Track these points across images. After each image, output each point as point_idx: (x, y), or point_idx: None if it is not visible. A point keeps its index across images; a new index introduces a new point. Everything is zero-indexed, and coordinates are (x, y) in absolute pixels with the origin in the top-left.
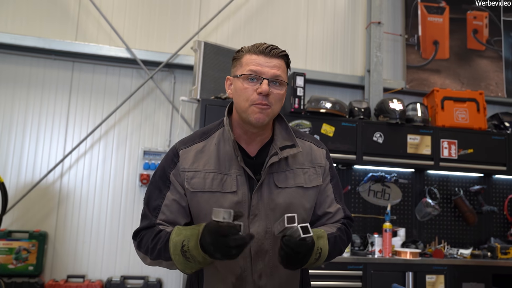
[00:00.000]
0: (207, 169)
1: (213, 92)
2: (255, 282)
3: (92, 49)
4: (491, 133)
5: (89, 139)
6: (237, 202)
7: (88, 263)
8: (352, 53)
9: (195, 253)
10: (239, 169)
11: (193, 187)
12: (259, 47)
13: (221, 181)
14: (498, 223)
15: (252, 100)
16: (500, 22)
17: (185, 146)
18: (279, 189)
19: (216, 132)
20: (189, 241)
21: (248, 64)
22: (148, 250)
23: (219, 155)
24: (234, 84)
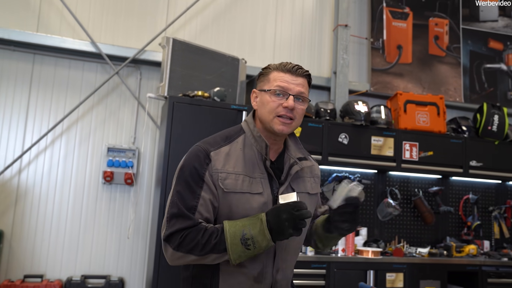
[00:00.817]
0: (237, 171)
1: (181, 90)
2: (273, 276)
3: (55, 41)
4: (449, 136)
5: (50, 134)
6: (264, 203)
7: (46, 263)
8: (319, 55)
9: (260, 239)
10: (262, 172)
11: (227, 187)
12: (286, 66)
13: (249, 183)
14: (454, 223)
15: (277, 112)
16: (459, 30)
17: (214, 148)
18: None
19: (239, 137)
20: (251, 229)
21: (276, 80)
22: (196, 247)
23: (245, 159)
24: (261, 97)
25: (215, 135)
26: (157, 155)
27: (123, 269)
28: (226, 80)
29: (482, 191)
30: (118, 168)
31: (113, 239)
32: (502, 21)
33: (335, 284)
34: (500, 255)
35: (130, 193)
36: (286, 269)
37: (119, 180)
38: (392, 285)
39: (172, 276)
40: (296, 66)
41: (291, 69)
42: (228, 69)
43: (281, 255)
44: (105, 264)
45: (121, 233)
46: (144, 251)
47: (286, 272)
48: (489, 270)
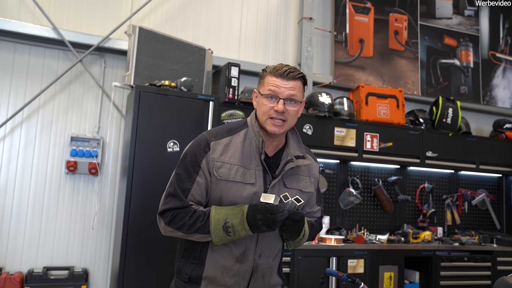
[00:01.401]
0: (232, 162)
1: (147, 79)
2: (255, 260)
3: (14, 26)
4: (408, 128)
5: (9, 123)
6: (254, 193)
7: (6, 255)
8: (284, 46)
9: (239, 228)
10: (258, 165)
11: (220, 175)
12: (278, 70)
13: (243, 173)
14: (411, 211)
15: (269, 115)
16: (417, 26)
17: (215, 138)
18: (286, 188)
19: (242, 131)
20: (233, 219)
21: (268, 85)
22: (183, 226)
23: (243, 151)
24: (258, 99)
25: (220, 126)
26: (123, 144)
27: (87, 260)
28: (192, 70)
29: (437, 180)
30: (82, 158)
31: (76, 230)
32: (456, 19)
33: (299, 271)
34: (452, 240)
35: (95, 183)
36: (269, 256)
37: (83, 170)
38: (353, 271)
39: (138, 266)
40: (288, 70)
41: (283, 73)
42: (195, 59)
43: (264, 241)
44: (68, 255)
45: (84, 224)
46: (108, 241)
47: (269, 258)
48: (442, 254)
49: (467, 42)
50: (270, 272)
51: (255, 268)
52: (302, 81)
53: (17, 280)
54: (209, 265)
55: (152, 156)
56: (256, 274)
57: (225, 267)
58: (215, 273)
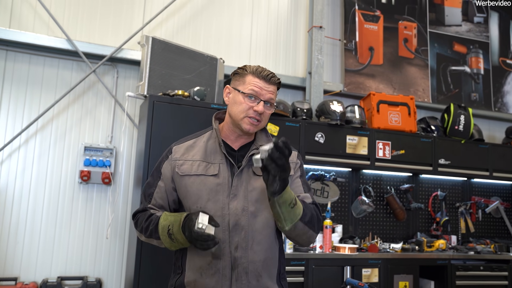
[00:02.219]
0: (195, 158)
1: (160, 89)
2: (231, 253)
3: (29, 38)
4: (420, 135)
5: (23, 133)
6: (218, 184)
7: (21, 265)
8: (294, 55)
9: (178, 237)
10: (222, 158)
11: (182, 171)
12: (261, 73)
13: (206, 167)
14: (424, 219)
15: (247, 113)
16: (426, 33)
17: (178, 143)
18: (256, 176)
19: (207, 133)
20: (173, 226)
21: (250, 84)
22: (142, 229)
23: (206, 149)
24: (234, 95)
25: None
26: (136, 154)
27: (101, 270)
28: (204, 80)
29: (450, 188)
30: (95, 168)
31: (90, 240)
32: (465, 26)
33: (313, 280)
34: (467, 249)
35: (108, 192)
36: (248, 249)
37: (96, 180)
38: (368, 280)
39: (152, 276)
40: (270, 74)
41: (266, 76)
42: (207, 69)
43: (239, 233)
44: (82, 265)
45: (98, 233)
46: (122, 251)
47: (249, 252)
48: (457, 263)
49: (477, 49)
50: (259, 273)
51: (234, 262)
52: (278, 86)
53: None
54: (188, 270)
55: None
56: (237, 270)
57: (203, 268)
58: (194, 276)
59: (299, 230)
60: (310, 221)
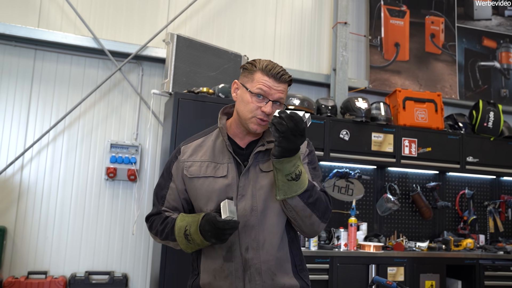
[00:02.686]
0: (203, 159)
1: (185, 86)
2: (242, 255)
3: (57, 37)
4: (447, 132)
5: (52, 131)
6: (227, 185)
7: (50, 259)
8: (318, 52)
9: (195, 237)
10: (230, 157)
11: (191, 173)
12: (271, 71)
13: (214, 168)
14: (450, 218)
15: (255, 114)
16: (454, 28)
17: (186, 143)
18: (263, 172)
19: (215, 131)
20: (190, 227)
21: (258, 82)
22: (158, 232)
23: (215, 148)
24: (242, 93)
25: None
26: (161, 151)
27: (127, 265)
28: (228, 77)
29: (478, 186)
30: (121, 164)
31: (116, 235)
32: (496, 19)
33: (338, 278)
34: (496, 249)
35: (133, 189)
36: (259, 249)
37: (122, 176)
38: (393, 279)
39: (178, 272)
40: (281, 72)
41: (276, 74)
42: (231, 66)
43: (249, 234)
44: (109, 260)
45: (124, 229)
46: (147, 247)
47: (261, 252)
48: (485, 263)
49: (508, 43)
50: (272, 272)
51: (245, 264)
52: (289, 84)
53: (61, 284)
54: (203, 272)
55: None
56: (249, 272)
57: (216, 270)
58: (208, 279)
59: (299, 210)
60: (313, 204)
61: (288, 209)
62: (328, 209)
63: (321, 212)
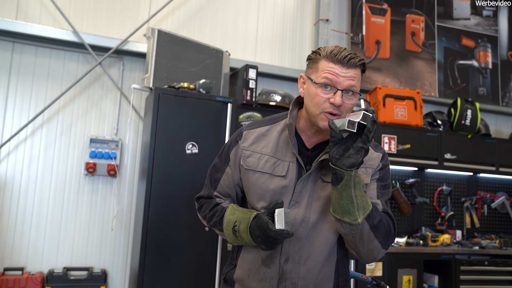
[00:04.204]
0: (264, 151)
1: (166, 81)
2: (280, 264)
3: (35, 30)
4: (426, 130)
5: (30, 125)
6: (283, 186)
7: (27, 255)
8: (300, 48)
9: (244, 235)
10: (293, 157)
11: (248, 165)
12: (337, 55)
13: (274, 164)
14: (429, 214)
15: (324, 108)
16: (434, 27)
17: (250, 127)
18: (324, 182)
19: (283, 120)
20: (240, 223)
21: (323, 72)
22: (205, 217)
23: (279, 141)
24: (308, 86)
25: (266, 117)
26: (141, 146)
27: (106, 261)
28: (210, 72)
29: (455, 183)
30: (101, 160)
31: (95, 231)
32: (474, 19)
33: None
34: (472, 244)
35: (113, 184)
36: (300, 264)
37: (102, 172)
38: (371, 274)
39: (157, 267)
40: (349, 56)
41: (343, 59)
42: (212, 61)
43: (293, 245)
44: (87, 256)
45: (103, 225)
46: (127, 242)
47: (301, 267)
48: (461, 258)
49: (486, 42)
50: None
51: (282, 275)
52: (362, 68)
53: (38, 280)
54: (239, 267)
55: (171, 157)
56: (284, 283)
57: (251, 270)
58: (242, 276)
59: (363, 233)
60: (377, 227)
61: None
62: (391, 233)
63: (384, 238)
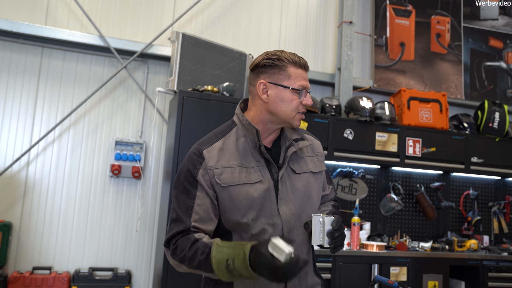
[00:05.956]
0: (232, 164)
1: (190, 84)
2: None
3: (64, 34)
4: (451, 133)
5: (57, 127)
6: (266, 189)
7: (54, 255)
8: (323, 51)
9: (243, 272)
10: (258, 160)
11: (224, 182)
12: (299, 61)
13: (246, 173)
14: (454, 218)
15: (299, 110)
16: (460, 28)
17: (206, 146)
18: (296, 174)
19: (232, 131)
20: (234, 261)
21: (297, 78)
22: (185, 259)
23: (239, 151)
24: (277, 92)
25: (208, 134)
26: (165, 149)
27: (130, 262)
28: (233, 75)
29: (482, 187)
30: (126, 162)
31: (120, 232)
32: (502, 19)
33: (340, 277)
34: (500, 250)
35: (137, 186)
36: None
37: (127, 174)
38: (396, 279)
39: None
40: (305, 61)
41: (304, 64)
42: (236, 64)
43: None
44: (112, 257)
45: (127, 226)
46: (150, 244)
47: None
48: (489, 264)
49: None
50: (305, 272)
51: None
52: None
53: (65, 280)
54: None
55: None
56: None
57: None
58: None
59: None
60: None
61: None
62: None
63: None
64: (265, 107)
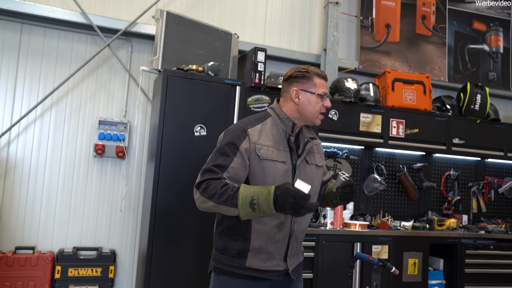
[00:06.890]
0: (267, 144)
1: (174, 64)
2: (291, 226)
3: (44, 11)
4: (434, 114)
5: (39, 106)
6: (286, 170)
7: (38, 235)
8: (309, 32)
9: (264, 206)
10: (285, 146)
11: (262, 155)
12: (321, 74)
13: (277, 153)
14: (435, 198)
15: (321, 111)
16: (445, 10)
17: (250, 126)
18: (308, 164)
19: (268, 119)
20: (258, 197)
21: (320, 87)
22: (215, 195)
23: (273, 136)
24: (306, 97)
25: (247, 118)
26: (150, 128)
27: (115, 242)
28: (218, 55)
29: (463, 168)
30: (110, 141)
31: (104, 212)
32: (486, 2)
33: (323, 256)
34: (478, 228)
35: (122, 166)
36: (301, 222)
37: (111, 153)
38: (377, 257)
39: (165, 248)
40: (325, 74)
41: (325, 76)
42: (221, 44)
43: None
44: (97, 236)
45: (112, 206)
46: (135, 223)
47: (301, 224)
48: (467, 242)
49: (497, 26)
50: (302, 237)
51: (292, 234)
52: None
53: (49, 259)
54: (255, 239)
55: (179, 140)
56: (292, 239)
57: (269, 237)
58: (260, 244)
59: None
60: None
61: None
62: None
63: None
64: (296, 108)
